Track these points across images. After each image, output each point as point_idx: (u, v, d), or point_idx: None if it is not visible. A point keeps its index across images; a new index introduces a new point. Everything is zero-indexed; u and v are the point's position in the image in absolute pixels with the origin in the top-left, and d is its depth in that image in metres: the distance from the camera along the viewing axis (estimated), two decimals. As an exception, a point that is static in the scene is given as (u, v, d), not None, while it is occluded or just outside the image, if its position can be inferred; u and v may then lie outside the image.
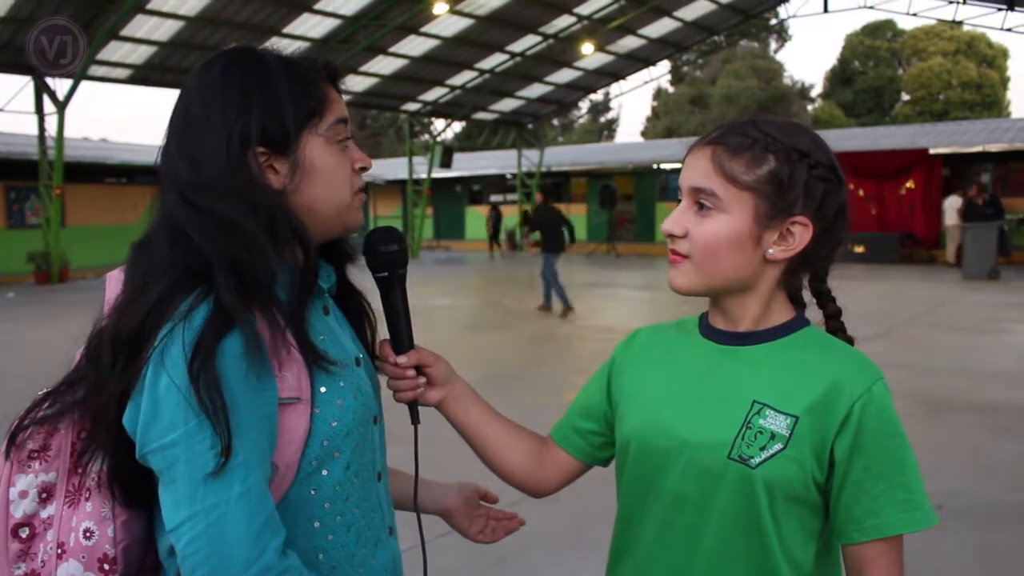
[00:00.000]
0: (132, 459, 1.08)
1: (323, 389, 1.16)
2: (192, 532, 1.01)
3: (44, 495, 1.15)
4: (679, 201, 1.29)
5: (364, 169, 1.27)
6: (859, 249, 21.02)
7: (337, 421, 1.17)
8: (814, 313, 1.35)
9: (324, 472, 1.17)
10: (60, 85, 18.06)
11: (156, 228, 1.16)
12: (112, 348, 1.10)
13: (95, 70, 18.75)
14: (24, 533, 1.14)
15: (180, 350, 1.03)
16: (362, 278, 1.38)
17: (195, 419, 1.02)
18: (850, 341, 1.32)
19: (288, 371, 1.12)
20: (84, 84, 18.17)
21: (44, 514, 1.14)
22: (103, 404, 1.10)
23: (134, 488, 1.13)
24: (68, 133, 18.78)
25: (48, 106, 18.44)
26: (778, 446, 1.19)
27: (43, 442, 1.16)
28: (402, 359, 1.36)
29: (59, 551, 1.12)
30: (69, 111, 18.07)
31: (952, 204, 20.09)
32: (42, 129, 18.91)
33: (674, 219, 1.27)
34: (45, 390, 1.20)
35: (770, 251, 1.24)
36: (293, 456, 1.13)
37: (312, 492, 1.17)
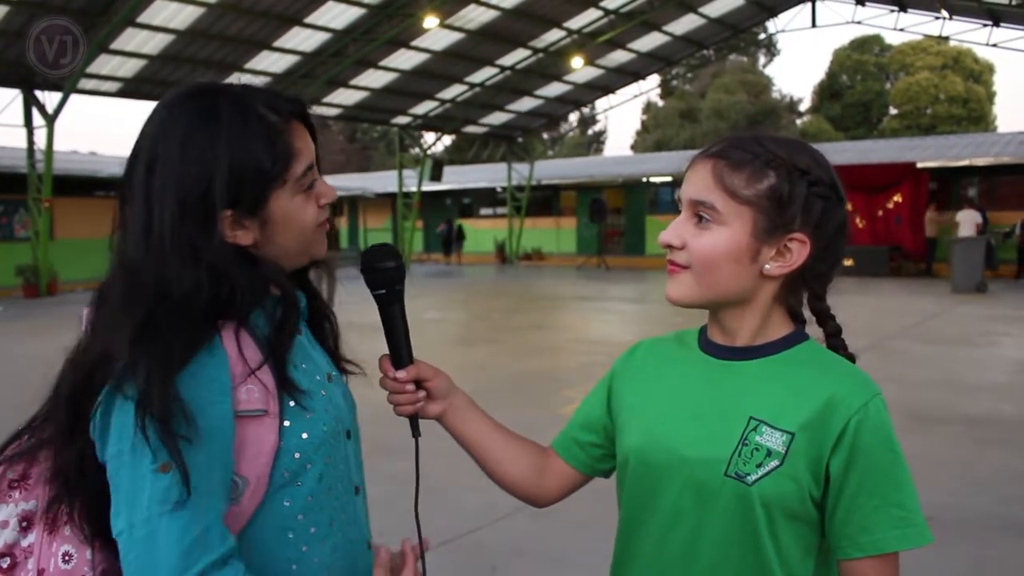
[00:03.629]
0: (99, 499, 1.10)
1: (292, 403, 1.17)
2: (128, 542, 1.03)
3: (24, 524, 1.15)
4: (679, 213, 1.30)
5: (329, 203, 1.26)
6: (848, 262, 21.10)
7: (307, 433, 1.18)
8: (815, 331, 1.34)
9: (297, 484, 1.18)
10: (49, 98, 18.05)
11: (112, 274, 1.16)
12: (69, 408, 1.13)
13: (85, 83, 18.72)
14: (5, 563, 1.14)
15: (136, 379, 1.05)
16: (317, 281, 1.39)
17: (141, 434, 1.03)
18: (851, 358, 1.31)
19: (254, 384, 1.13)
20: (73, 97, 18.15)
21: (25, 543, 1.15)
22: (65, 465, 1.13)
23: (102, 523, 1.12)
24: (57, 146, 18.75)
25: (37, 119, 18.43)
26: (774, 463, 1.19)
27: (23, 471, 1.17)
28: (401, 374, 1.37)
29: None
30: (58, 124, 18.05)
31: (971, 218, 19.14)
32: (31, 142, 18.88)
33: (672, 230, 1.27)
34: (19, 428, 1.22)
35: (767, 267, 1.24)
36: (263, 468, 1.14)
37: (286, 504, 1.18)
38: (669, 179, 28.98)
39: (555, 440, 1.52)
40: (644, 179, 30.36)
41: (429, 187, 30.23)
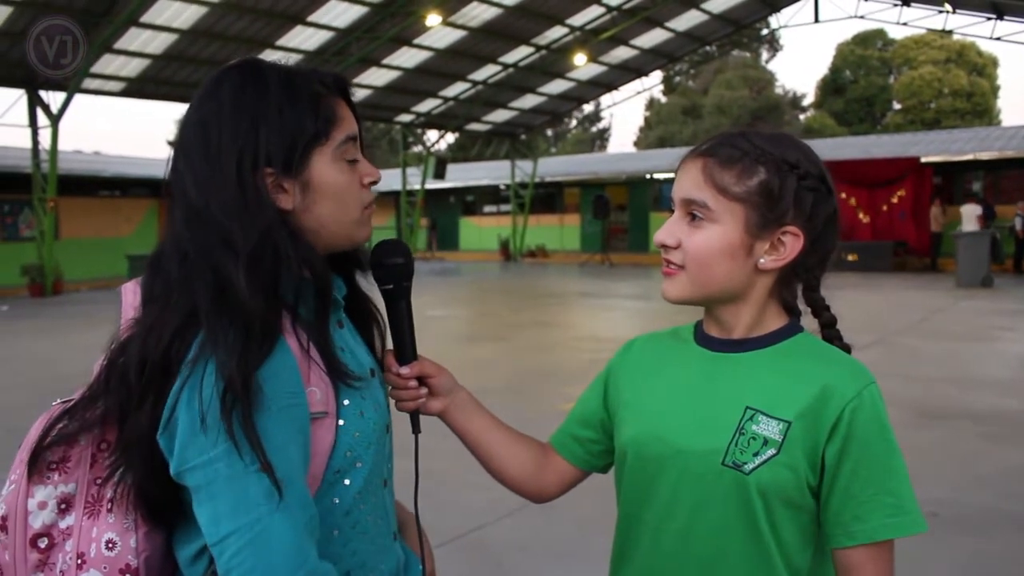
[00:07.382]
0: (161, 478, 1.09)
1: (346, 402, 1.19)
2: (237, 545, 1.03)
3: (63, 506, 1.15)
4: (672, 212, 1.31)
5: (374, 183, 1.27)
6: (852, 257, 21.08)
7: (359, 432, 1.20)
8: (810, 323, 1.35)
9: (346, 482, 1.19)
10: (54, 98, 18.09)
11: (166, 246, 1.17)
12: (139, 374, 1.11)
13: (89, 83, 18.77)
14: (43, 543, 1.14)
15: (213, 371, 1.05)
16: (368, 285, 1.39)
17: (231, 441, 1.04)
18: (847, 349, 1.32)
19: (316, 387, 1.15)
20: (78, 97, 18.18)
21: (63, 524, 1.15)
22: (135, 433, 1.11)
23: (160, 505, 1.14)
24: (61, 146, 18.80)
25: (42, 119, 18.47)
26: (771, 451, 1.20)
27: (62, 454, 1.16)
28: (404, 370, 1.37)
29: (79, 561, 1.13)
30: (62, 124, 18.09)
31: (973, 212, 19.37)
32: (36, 142, 18.92)
33: (666, 230, 1.29)
34: (59, 400, 1.20)
35: (762, 260, 1.25)
36: (318, 468, 1.15)
37: (335, 501, 1.19)
38: (672, 175, 28.77)
39: (553, 436, 1.53)
40: (647, 176, 30.33)
41: (432, 185, 30.25)
